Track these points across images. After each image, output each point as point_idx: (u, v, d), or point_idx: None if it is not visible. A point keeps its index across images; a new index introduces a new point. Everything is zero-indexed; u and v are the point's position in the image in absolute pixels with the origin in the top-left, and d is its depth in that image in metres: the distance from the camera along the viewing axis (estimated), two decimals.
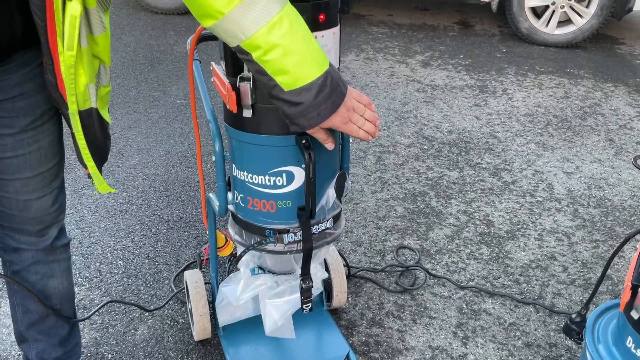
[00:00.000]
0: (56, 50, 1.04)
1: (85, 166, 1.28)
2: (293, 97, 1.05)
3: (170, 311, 1.94)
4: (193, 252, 2.21)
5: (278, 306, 1.57)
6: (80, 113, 1.15)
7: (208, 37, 1.40)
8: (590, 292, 2.04)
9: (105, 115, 1.24)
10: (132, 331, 1.86)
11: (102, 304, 1.90)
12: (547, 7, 4.59)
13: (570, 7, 4.54)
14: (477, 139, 3.18)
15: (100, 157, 1.30)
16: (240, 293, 1.58)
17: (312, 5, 1.19)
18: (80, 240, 2.25)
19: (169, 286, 2.04)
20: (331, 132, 1.34)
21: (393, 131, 3.20)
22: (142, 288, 2.04)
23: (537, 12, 4.69)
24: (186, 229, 2.35)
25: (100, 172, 1.30)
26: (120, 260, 2.16)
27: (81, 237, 2.27)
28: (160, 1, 4.81)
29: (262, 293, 1.59)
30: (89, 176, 1.30)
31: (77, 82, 1.09)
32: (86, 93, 1.12)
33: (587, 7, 4.54)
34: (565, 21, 4.65)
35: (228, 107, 1.28)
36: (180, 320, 1.91)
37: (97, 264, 2.14)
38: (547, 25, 4.65)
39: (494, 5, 4.63)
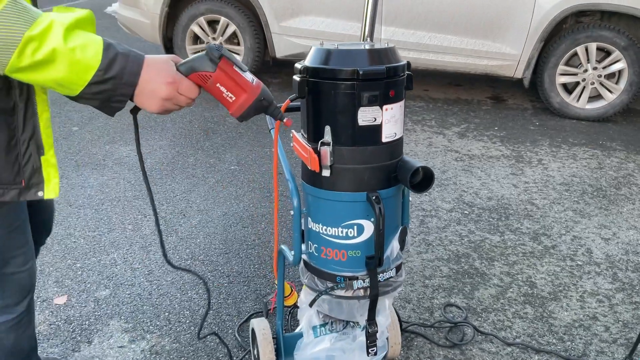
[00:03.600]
0: None
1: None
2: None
3: (235, 359, 2.09)
4: (253, 305, 2.38)
5: None
6: None
7: (292, 109, 1.62)
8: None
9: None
10: None
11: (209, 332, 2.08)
12: (577, 83, 4.83)
13: (600, 83, 4.77)
14: (516, 205, 3.33)
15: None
16: (301, 351, 1.75)
17: (384, 83, 1.42)
18: (149, 292, 2.44)
19: (233, 335, 2.20)
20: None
21: (434, 197, 3.38)
22: (208, 336, 2.20)
23: (568, 88, 4.92)
24: (246, 283, 2.52)
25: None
26: (187, 311, 2.34)
27: (150, 289, 2.47)
28: None
29: None
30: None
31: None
32: None
33: (616, 83, 4.76)
34: (596, 96, 4.86)
35: (310, 168, 1.49)
36: None
37: (166, 314, 2.32)
38: (578, 100, 4.86)
39: (526, 81, 4.88)
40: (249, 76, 1.29)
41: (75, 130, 4.17)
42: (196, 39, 5.20)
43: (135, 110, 1.30)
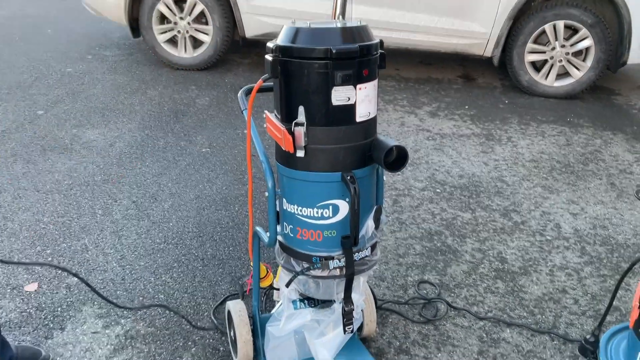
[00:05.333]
0: None
1: None
2: None
3: (211, 340, 2.09)
4: (229, 287, 2.37)
5: (326, 343, 1.72)
6: None
7: (265, 89, 1.60)
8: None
9: None
10: (178, 359, 2.00)
11: (155, 303, 2.17)
12: (545, 61, 4.89)
13: (568, 60, 4.83)
14: (487, 182, 3.38)
15: None
16: (283, 325, 1.75)
17: (357, 62, 1.41)
18: (122, 277, 2.41)
19: (209, 317, 2.19)
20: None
21: (407, 176, 3.40)
22: (184, 319, 2.19)
23: (537, 66, 4.98)
24: (220, 266, 2.51)
25: None
26: (161, 295, 2.32)
27: (123, 274, 2.44)
28: (181, 58, 5.11)
29: (308, 335, 1.75)
30: None
31: None
32: None
33: (583, 60, 4.83)
34: (564, 74, 4.93)
35: (284, 149, 1.48)
36: (221, 349, 2.05)
37: (141, 298, 2.30)
38: (546, 77, 4.93)
39: (496, 60, 4.92)
40: None
41: (40, 114, 4.06)
42: (163, 18, 5.08)
43: None
